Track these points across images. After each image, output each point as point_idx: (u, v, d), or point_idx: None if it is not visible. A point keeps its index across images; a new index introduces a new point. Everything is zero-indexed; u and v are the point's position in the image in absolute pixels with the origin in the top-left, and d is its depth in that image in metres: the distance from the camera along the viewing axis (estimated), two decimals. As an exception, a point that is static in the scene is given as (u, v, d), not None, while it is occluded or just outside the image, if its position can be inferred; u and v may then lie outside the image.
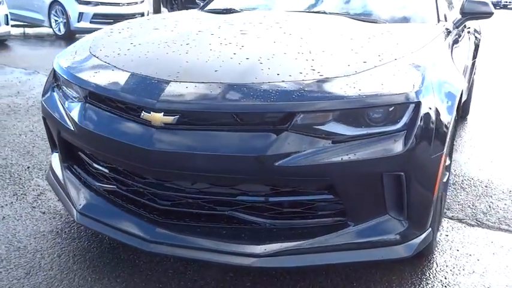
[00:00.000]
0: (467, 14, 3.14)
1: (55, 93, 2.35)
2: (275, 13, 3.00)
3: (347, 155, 1.81)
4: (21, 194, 2.96)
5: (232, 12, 3.13)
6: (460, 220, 2.80)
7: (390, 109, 1.87)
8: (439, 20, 2.91)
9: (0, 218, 2.67)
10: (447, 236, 2.62)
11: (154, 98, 1.87)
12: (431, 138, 1.91)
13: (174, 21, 2.81)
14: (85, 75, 2.15)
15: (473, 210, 2.93)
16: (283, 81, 1.88)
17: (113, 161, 2.06)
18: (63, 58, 2.40)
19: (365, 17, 2.90)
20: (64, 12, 10.44)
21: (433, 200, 2.01)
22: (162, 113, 1.85)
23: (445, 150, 2.01)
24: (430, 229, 2.10)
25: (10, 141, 3.86)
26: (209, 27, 2.54)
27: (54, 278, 2.15)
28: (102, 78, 2.09)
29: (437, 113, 1.95)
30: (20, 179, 3.18)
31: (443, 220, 2.76)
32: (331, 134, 1.82)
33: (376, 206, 1.92)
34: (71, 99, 2.22)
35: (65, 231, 2.53)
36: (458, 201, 3.04)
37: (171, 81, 1.92)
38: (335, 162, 1.80)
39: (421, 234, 2.04)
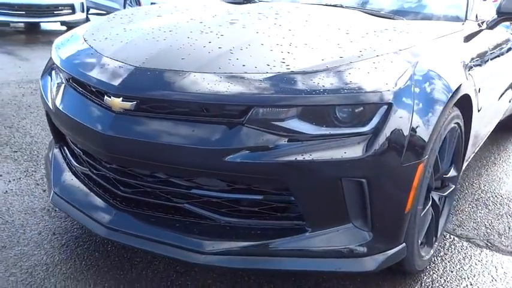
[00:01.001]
0: (504, 14, 2.83)
1: (48, 76, 2.40)
2: (284, 4, 2.88)
3: (302, 155, 1.68)
4: (32, 171, 3.08)
5: (247, 2, 3.06)
6: (468, 239, 2.55)
7: (358, 109, 1.72)
8: (466, 19, 2.66)
9: (3, 191, 2.78)
10: (445, 254, 2.39)
11: (114, 83, 1.84)
12: (404, 144, 1.73)
13: (181, 9, 2.78)
14: (68, 58, 2.17)
15: (488, 230, 2.66)
16: (245, 72, 1.78)
17: (80, 144, 2.07)
18: (60, 41, 2.45)
19: (383, 12, 2.71)
20: (138, 2, 10.82)
21: (405, 213, 1.83)
22: (121, 98, 1.82)
23: (424, 158, 1.82)
24: (403, 244, 1.91)
25: (43, 120, 4.02)
26: (204, 16, 2.48)
27: (25, 254, 2.20)
28: (80, 61, 2.10)
29: (416, 117, 1.77)
30: (38, 156, 3.31)
31: (448, 237, 2.53)
32: (290, 132, 1.70)
33: (337, 213, 1.78)
34: (58, 81, 2.25)
35: (56, 210, 2.58)
36: (475, 219, 2.78)
37: (135, 67, 1.88)
38: (288, 162, 1.68)
39: (390, 249, 1.87)
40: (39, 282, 2.01)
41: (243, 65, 1.83)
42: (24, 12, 9.51)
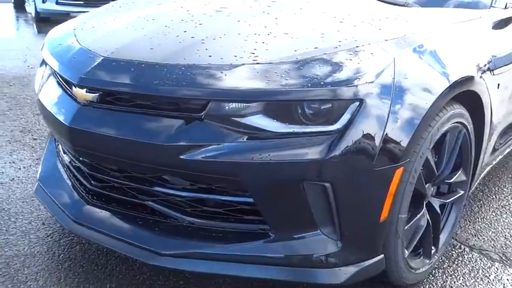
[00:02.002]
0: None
1: (43, 65, 2.39)
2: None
3: (260, 154, 1.55)
4: (44, 159, 3.12)
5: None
6: (481, 251, 2.30)
7: (325, 106, 1.56)
8: (491, 6, 2.38)
9: (10, 178, 2.83)
10: (449, 267, 2.17)
11: (78, 73, 1.78)
12: (377, 146, 1.55)
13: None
14: (51, 46, 2.15)
15: (508, 242, 2.39)
16: (209, 64, 1.66)
17: (55, 135, 2.04)
18: (54, 29, 2.43)
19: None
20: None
21: (380, 222, 1.65)
22: (85, 90, 1.76)
23: (403, 162, 1.63)
24: (381, 256, 1.73)
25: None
26: (195, 4, 2.36)
27: (8, 243, 2.21)
28: (59, 50, 2.06)
29: (394, 116, 1.58)
30: (54, 145, 3.36)
31: (458, 247, 2.30)
32: (251, 129, 1.57)
33: (302, 218, 1.63)
34: (46, 71, 2.23)
35: (53, 200, 2.59)
36: (495, 228, 2.51)
37: (103, 57, 1.81)
38: (245, 162, 1.55)
39: (364, 261, 1.69)
40: (12, 273, 2.01)
41: (209, 56, 1.71)
42: (82, 2, 9.83)
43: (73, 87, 1.81)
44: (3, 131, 3.59)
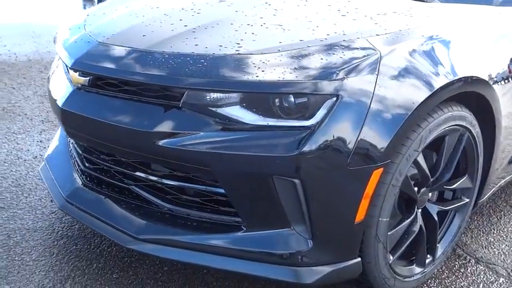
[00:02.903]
0: None
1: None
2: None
3: (231, 146, 1.53)
4: (69, 140, 3.24)
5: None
6: (487, 264, 2.17)
7: (301, 100, 1.52)
8: None
9: (34, 156, 2.96)
10: (447, 278, 2.06)
11: (74, 57, 1.83)
12: (352, 145, 1.50)
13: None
14: (62, 32, 2.21)
15: (521, 257, 2.23)
16: (192, 52, 1.66)
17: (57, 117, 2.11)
18: (71, 16, 2.50)
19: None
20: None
21: (355, 223, 1.58)
22: (78, 73, 1.81)
23: (382, 164, 1.56)
24: (358, 259, 1.67)
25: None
26: None
27: (16, 217, 2.31)
28: (67, 36, 2.12)
29: (374, 114, 1.51)
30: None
31: (463, 258, 2.18)
32: (226, 120, 1.56)
33: (274, 214, 1.59)
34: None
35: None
36: (510, 242, 2.35)
37: (98, 42, 1.85)
38: (216, 152, 1.54)
39: (337, 262, 1.64)
40: (10, 245, 2.10)
41: (196, 45, 1.70)
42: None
43: (69, 71, 1.86)
44: (39, 111, 3.75)
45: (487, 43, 1.94)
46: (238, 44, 1.67)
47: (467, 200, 2.06)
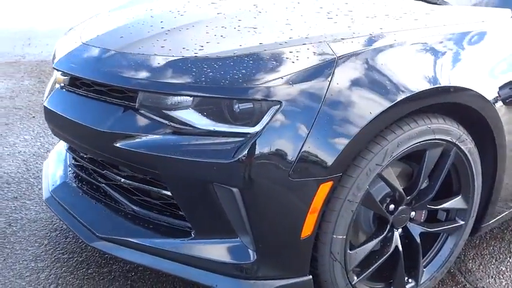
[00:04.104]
0: None
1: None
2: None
3: (176, 150, 1.50)
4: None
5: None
6: (488, 295, 1.96)
7: (246, 106, 1.46)
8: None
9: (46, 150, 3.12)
10: (433, 306, 1.88)
11: (58, 57, 1.90)
12: (294, 155, 1.41)
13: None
14: (63, 37, 2.31)
15: (532, 291, 1.99)
16: (155, 54, 1.65)
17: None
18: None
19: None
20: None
21: (301, 239, 1.49)
22: (60, 73, 1.87)
23: (331, 177, 1.45)
24: (309, 277, 1.57)
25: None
26: None
27: (23, 207, 2.45)
28: (65, 38, 2.20)
29: (322, 123, 1.42)
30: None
31: (461, 285, 1.99)
32: (180, 123, 1.53)
33: (220, 223, 1.54)
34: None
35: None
36: (525, 272, 2.11)
37: (82, 43, 1.90)
38: (163, 155, 1.52)
39: (284, 279, 1.55)
40: (8, 233, 2.23)
41: (162, 47, 1.70)
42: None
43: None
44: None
45: (487, 51, 1.74)
46: (202, 46, 1.64)
47: (462, 222, 1.87)
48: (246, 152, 1.41)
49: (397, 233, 1.75)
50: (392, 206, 1.71)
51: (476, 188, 1.83)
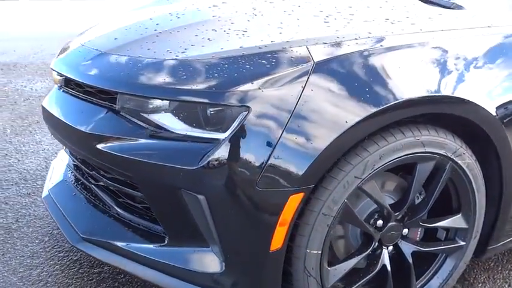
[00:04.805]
0: None
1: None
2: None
3: (149, 154, 1.48)
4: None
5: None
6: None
7: (216, 111, 1.42)
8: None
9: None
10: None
11: (56, 58, 1.93)
12: (262, 164, 1.35)
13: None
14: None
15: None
16: (139, 56, 1.64)
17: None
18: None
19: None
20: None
21: (270, 252, 1.42)
22: (56, 73, 1.90)
23: (302, 188, 1.38)
24: (279, 293, 1.50)
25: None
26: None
27: (34, 203, 2.51)
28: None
29: (294, 131, 1.36)
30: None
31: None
32: (156, 127, 1.51)
33: (192, 230, 1.50)
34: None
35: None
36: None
37: (80, 44, 1.92)
38: (136, 159, 1.50)
39: (253, 292, 1.49)
40: (13, 228, 2.28)
41: (148, 49, 1.68)
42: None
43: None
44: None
45: (489, 58, 1.61)
46: (186, 49, 1.61)
47: (463, 243, 1.73)
48: (211, 158, 1.36)
49: (386, 251, 1.65)
50: (380, 222, 1.61)
51: (478, 206, 1.69)
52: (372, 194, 1.52)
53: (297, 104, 1.36)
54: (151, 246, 1.60)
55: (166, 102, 1.49)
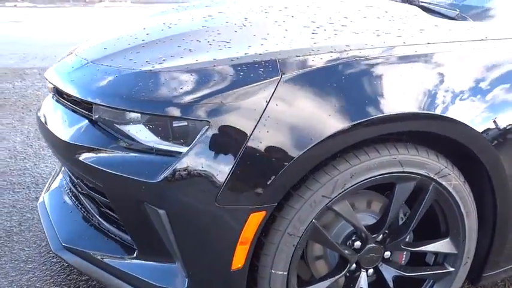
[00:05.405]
0: None
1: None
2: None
3: (118, 165, 1.47)
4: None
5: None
6: None
7: (180, 124, 1.39)
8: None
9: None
10: None
11: (51, 66, 1.97)
12: (222, 180, 1.31)
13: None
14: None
15: None
16: (120, 67, 1.63)
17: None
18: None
19: (453, 11, 1.96)
20: None
21: (231, 271, 1.38)
22: (48, 82, 1.94)
23: (264, 206, 1.33)
24: (244, 314, 1.45)
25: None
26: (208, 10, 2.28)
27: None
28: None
29: (255, 146, 1.31)
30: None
31: None
32: (126, 138, 1.51)
33: (157, 245, 1.48)
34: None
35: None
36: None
37: (74, 53, 1.95)
38: (104, 170, 1.50)
39: (217, 311, 1.45)
40: (15, 232, 2.33)
41: (130, 59, 1.68)
42: None
43: (50, 80, 2.00)
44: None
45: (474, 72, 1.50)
46: (165, 60, 1.59)
47: (452, 269, 1.62)
48: (170, 172, 1.33)
49: (364, 274, 1.56)
50: (358, 244, 1.53)
51: (468, 230, 1.58)
52: (344, 214, 1.44)
53: (260, 118, 1.31)
54: (124, 258, 1.59)
55: (137, 114, 1.48)
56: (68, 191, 2.01)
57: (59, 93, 1.83)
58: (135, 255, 1.56)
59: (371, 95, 1.36)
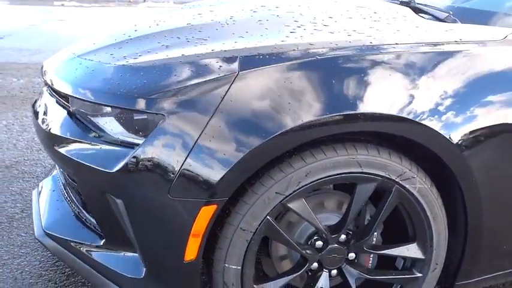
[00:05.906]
0: None
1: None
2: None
3: (86, 156, 1.53)
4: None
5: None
6: None
7: (139, 117, 1.44)
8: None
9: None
10: None
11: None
12: (175, 172, 1.34)
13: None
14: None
15: None
16: (99, 61, 1.69)
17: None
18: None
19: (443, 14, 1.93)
20: None
21: (184, 262, 1.40)
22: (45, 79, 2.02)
23: (215, 200, 1.35)
24: (200, 306, 1.47)
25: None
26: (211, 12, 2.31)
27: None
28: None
29: (207, 141, 1.33)
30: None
31: None
32: (97, 129, 1.56)
33: (122, 235, 1.52)
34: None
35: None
36: None
37: (67, 49, 2.03)
38: (72, 159, 1.55)
39: (173, 302, 1.47)
40: (16, 218, 2.44)
41: (111, 54, 1.73)
42: None
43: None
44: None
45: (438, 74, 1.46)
46: (140, 55, 1.64)
47: (419, 274, 1.59)
48: (124, 163, 1.37)
49: (326, 274, 1.56)
50: (319, 243, 1.52)
51: (435, 235, 1.55)
52: (300, 212, 1.44)
53: (213, 113, 1.33)
54: (94, 246, 1.64)
55: (108, 108, 1.53)
56: (58, 179, 2.09)
57: (48, 85, 1.91)
58: (101, 243, 1.60)
59: (327, 94, 1.36)
